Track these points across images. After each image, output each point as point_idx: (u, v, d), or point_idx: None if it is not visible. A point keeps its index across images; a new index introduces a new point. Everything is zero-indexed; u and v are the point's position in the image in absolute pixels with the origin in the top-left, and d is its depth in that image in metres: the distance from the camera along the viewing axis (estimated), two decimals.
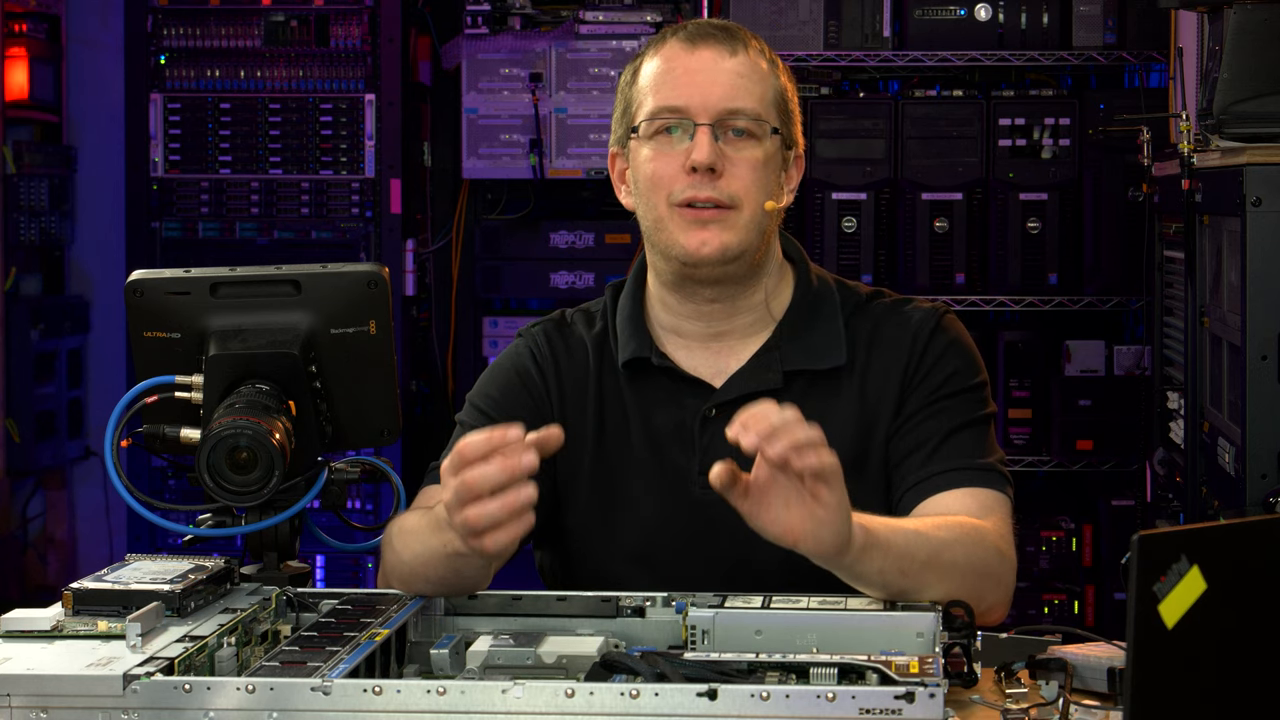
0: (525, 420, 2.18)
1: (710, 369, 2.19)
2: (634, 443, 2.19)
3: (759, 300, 2.19)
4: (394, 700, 1.60)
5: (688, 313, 2.18)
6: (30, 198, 5.33)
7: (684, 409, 2.17)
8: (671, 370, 2.18)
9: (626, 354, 2.19)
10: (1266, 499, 2.98)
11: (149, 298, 2.05)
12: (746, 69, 2.14)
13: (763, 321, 2.20)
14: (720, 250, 2.10)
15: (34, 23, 5.44)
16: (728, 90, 2.12)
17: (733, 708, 1.57)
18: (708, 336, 2.19)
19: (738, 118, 2.12)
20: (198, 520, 2.05)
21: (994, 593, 2.01)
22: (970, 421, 2.15)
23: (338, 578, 4.95)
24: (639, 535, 2.18)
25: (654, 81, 2.15)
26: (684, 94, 2.12)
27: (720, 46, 2.14)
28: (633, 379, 2.20)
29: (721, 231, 2.10)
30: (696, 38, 2.15)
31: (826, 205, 4.71)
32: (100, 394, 5.67)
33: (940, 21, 4.74)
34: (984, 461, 2.13)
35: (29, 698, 1.64)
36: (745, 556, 2.12)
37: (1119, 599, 4.63)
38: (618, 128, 2.21)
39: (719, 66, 2.13)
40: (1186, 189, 3.53)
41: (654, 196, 2.13)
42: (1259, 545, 1.44)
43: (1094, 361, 4.73)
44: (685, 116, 2.12)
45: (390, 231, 5.05)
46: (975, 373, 2.20)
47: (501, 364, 2.26)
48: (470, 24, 5.09)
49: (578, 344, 2.24)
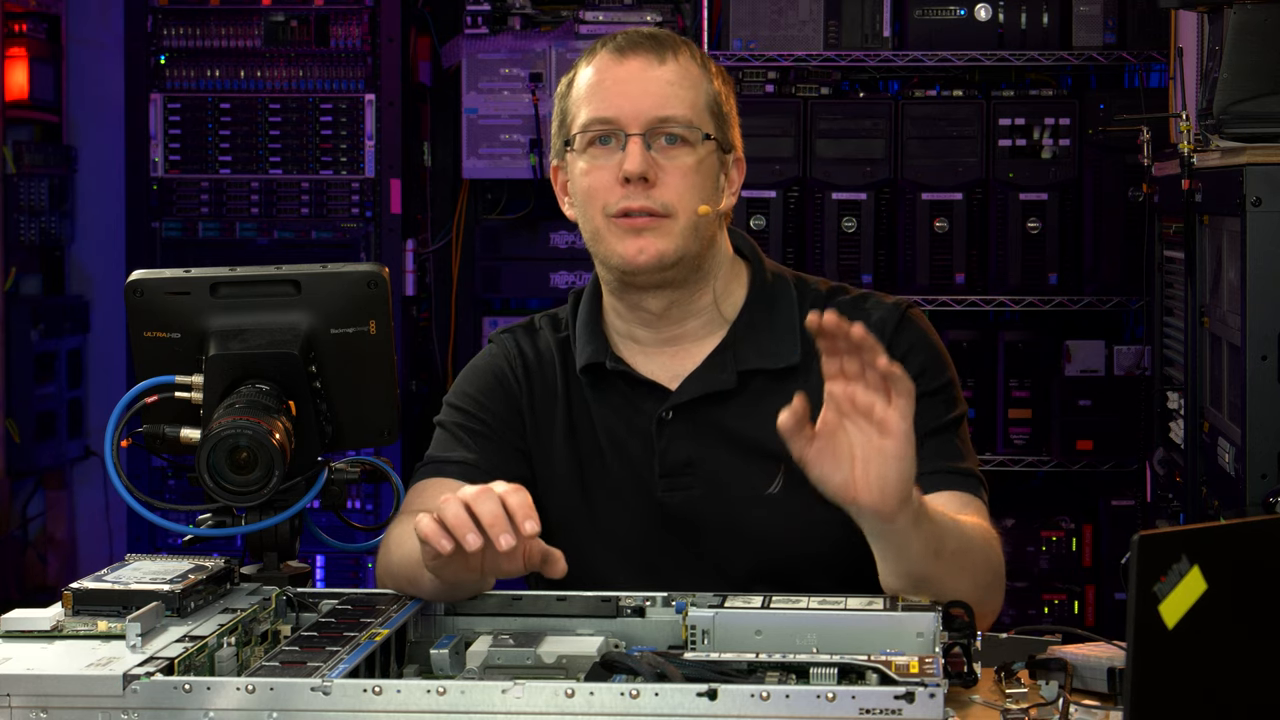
0: (503, 418, 2.19)
1: (666, 372, 2.20)
2: (600, 445, 2.21)
3: (707, 302, 2.19)
4: (394, 700, 1.60)
5: (638, 320, 2.20)
6: (30, 198, 5.33)
7: (640, 412, 2.19)
8: (626, 374, 2.20)
9: (583, 359, 2.21)
10: (1266, 499, 2.98)
11: (149, 298, 2.05)
12: (676, 76, 2.15)
13: (715, 322, 2.20)
14: (657, 257, 2.11)
15: (34, 23, 5.44)
16: (658, 99, 2.13)
17: (733, 708, 1.57)
18: (660, 341, 2.21)
19: (669, 125, 2.13)
20: (198, 520, 2.05)
21: (995, 598, 2.02)
22: (942, 426, 2.12)
23: (338, 578, 4.95)
24: (614, 535, 2.19)
25: (586, 93, 2.16)
26: (614, 104, 2.13)
27: (649, 55, 2.15)
28: (592, 384, 2.22)
29: (657, 239, 2.11)
30: (626, 48, 2.16)
31: (826, 205, 4.71)
32: (100, 394, 5.67)
33: (940, 21, 4.74)
34: (961, 466, 2.12)
35: (29, 698, 1.64)
36: (714, 553, 2.14)
37: (1119, 599, 4.63)
38: (556, 140, 2.22)
39: (648, 75, 2.14)
40: (1186, 189, 3.53)
41: (590, 208, 2.15)
42: (1259, 545, 1.44)
43: (1094, 361, 4.73)
44: (617, 127, 2.13)
45: (390, 231, 5.05)
46: (942, 370, 2.17)
47: (477, 366, 2.28)
48: (470, 24, 5.09)
49: (545, 349, 2.26)
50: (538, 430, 2.23)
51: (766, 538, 2.14)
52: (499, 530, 1.76)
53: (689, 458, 2.17)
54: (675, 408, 2.17)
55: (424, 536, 1.79)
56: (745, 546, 2.15)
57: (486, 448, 2.20)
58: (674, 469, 2.17)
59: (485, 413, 2.22)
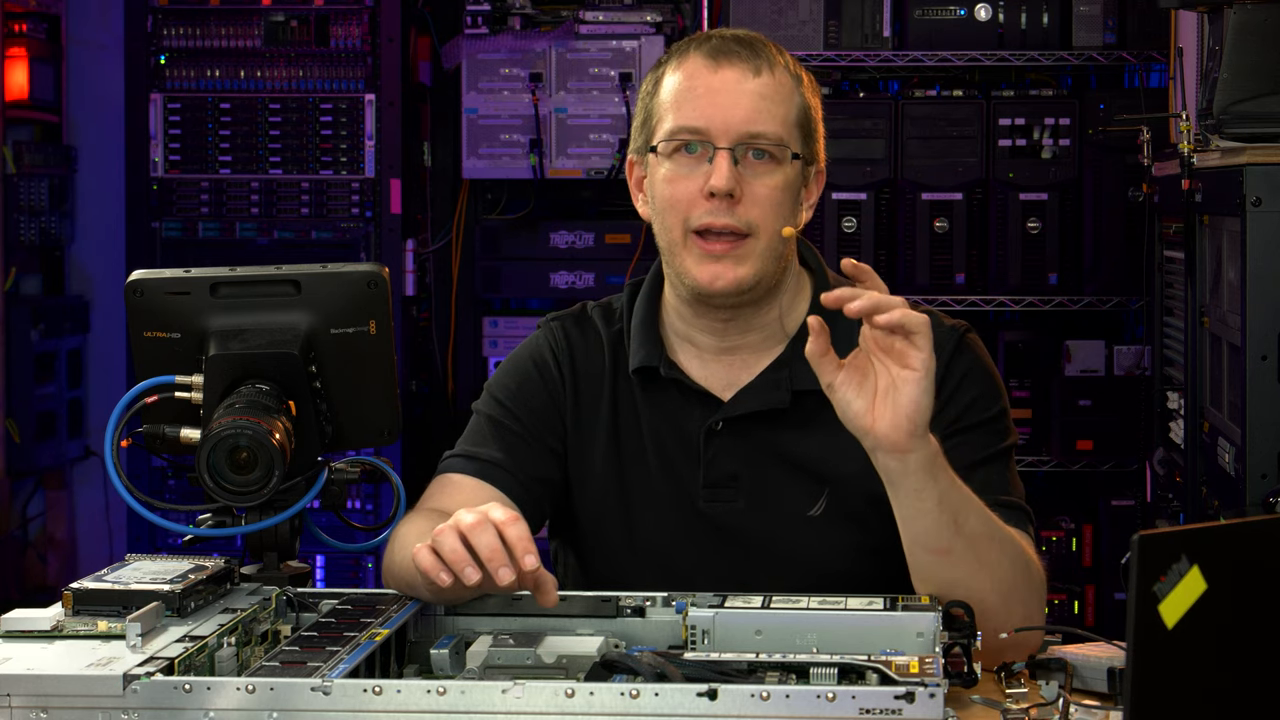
0: (539, 414, 2.18)
1: (721, 381, 2.17)
2: (644, 447, 2.18)
3: (773, 317, 2.17)
4: (394, 700, 1.60)
5: (701, 326, 2.17)
6: (30, 198, 5.33)
7: (690, 420, 2.16)
8: (680, 382, 2.17)
9: (636, 361, 2.18)
10: (1266, 499, 2.98)
11: (149, 298, 2.05)
12: (770, 90, 2.10)
13: (776, 336, 2.18)
14: (734, 284, 2.08)
15: (34, 23, 5.44)
16: (749, 113, 2.08)
17: (733, 708, 1.57)
18: (720, 350, 2.18)
19: (759, 141, 2.08)
20: (198, 520, 2.05)
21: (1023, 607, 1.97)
22: (991, 456, 2.09)
23: (338, 578, 4.95)
24: (648, 540, 2.17)
25: (675, 98, 2.11)
26: (705, 115, 2.08)
27: (744, 65, 2.10)
28: (643, 385, 2.19)
29: (735, 266, 2.08)
30: (720, 54, 2.11)
31: (826, 205, 4.71)
32: (100, 394, 5.66)
33: (940, 21, 4.74)
34: (1007, 499, 2.08)
35: (29, 698, 1.64)
36: (750, 569, 2.12)
37: (1119, 599, 4.63)
38: (637, 136, 2.18)
39: (742, 88, 2.09)
40: (1186, 189, 3.52)
41: (670, 218, 2.11)
42: (1259, 545, 1.44)
43: (1094, 361, 4.73)
44: (705, 138, 2.08)
45: (390, 231, 5.05)
46: (996, 400, 2.15)
47: (520, 355, 2.25)
48: (470, 24, 5.09)
49: (595, 341, 2.23)
50: (579, 426, 2.20)
51: (805, 559, 2.13)
52: (498, 564, 1.76)
53: (735, 471, 2.15)
54: (726, 420, 2.15)
55: (422, 569, 1.79)
56: (782, 566, 2.13)
57: (516, 447, 2.17)
58: (719, 481, 2.15)
59: (521, 408, 2.20)
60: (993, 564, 1.93)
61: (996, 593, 1.91)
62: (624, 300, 2.25)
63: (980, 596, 1.87)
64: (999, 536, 1.96)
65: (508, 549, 1.77)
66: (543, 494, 2.18)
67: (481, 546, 1.77)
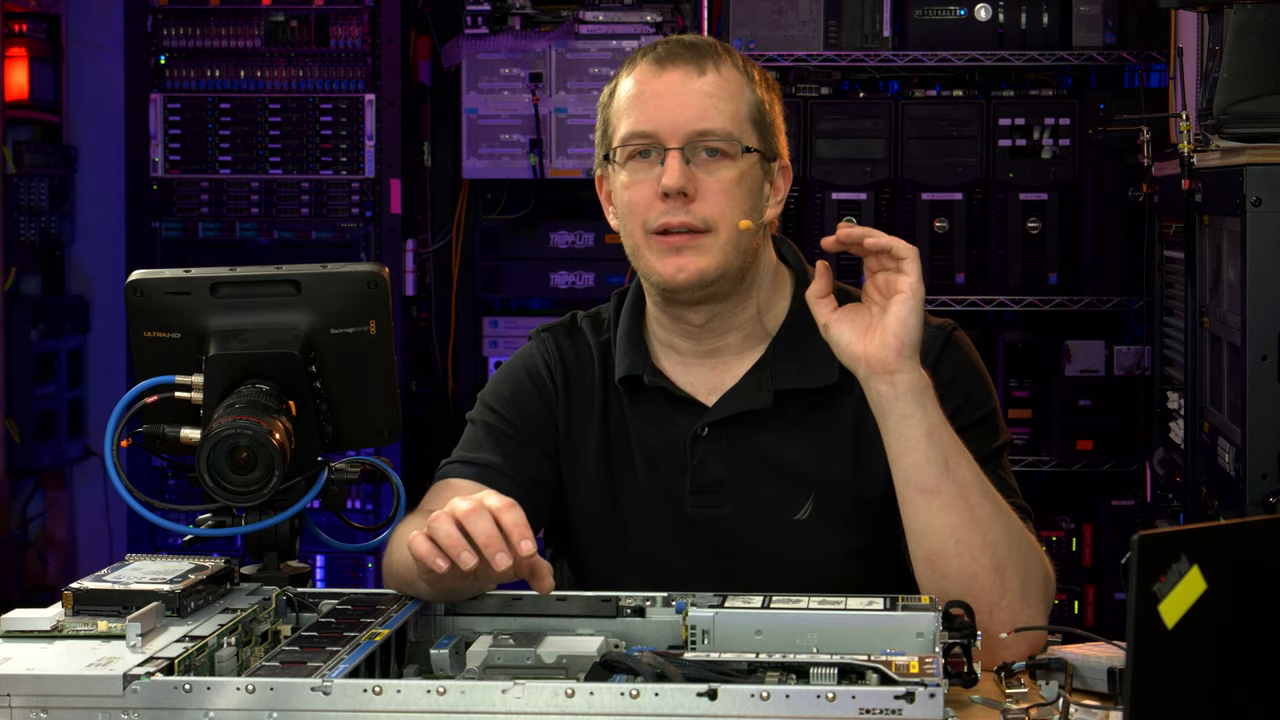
0: (533, 421, 2.19)
1: (705, 386, 2.18)
2: (633, 456, 2.19)
3: (750, 315, 2.17)
4: (394, 700, 1.60)
5: (679, 330, 2.18)
6: (30, 198, 5.33)
7: (676, 427, 2.17)
8: (665, 389, 2.18)
9: (622, 370, 2.20)
10: (1266, 499, 2.98)
11: (149, 298, 2.05)
12: (715, 88, 2.11)
13: (757, 335, 2.18)
14: (696, 275, 2.09)
15: (34, 23, 5.44)
16: (696, 112, 2.10)
17: (733, 708, 1.57)
18: (701, 353, 2.19)
19: (708, 139, 2.10)
20: (198, 520, 2.05)
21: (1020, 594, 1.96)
22: (985, 457, 2.07)
23: (338, 578, 4.95)
24: (640, 548, 2.18)
25: (626, 105, 2.13)
26: (652, 118, 2.10)
27: (689, 66, 2.11)
28: (630, 393, 2.20)
29: (696, 257, 2.09)
30: (665, 59, 2.12)
31: (826, 205, 4.71)
32: (100, 394, 5.67)
33: (940, 21, 4.74)
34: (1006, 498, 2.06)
35: (29, 698, 1.64)
36: (739, 575, 2.12)
37: (1119, 599, 4.63)
38: (599, 149, 2.20)
39: (687, 88, 2.10)
40: (1186, 189, 3.52)
41: (630, 223, 2.13)
42: (1259, 545, 1.44)
43: (1094, 361, 4.73)
44: (655, 141, 2.10)
45: (390, 231, 5.05)
46: (985, 400, 2.15)
47: (513, 365, 2.27)
48: (470, 24, 5.09)
49: (585, 351, 2.24)
50: (571, 434, 2.21)
51: (792, 564, 2.13)
52: (494, 550, 1.76)
53: (721, 476, 2.15)
54: (710, 425, 2.15)
55: (418, 556, 1.79)
56: (770, 570, 2.13)
57: (513, 451, 2.19)
58: (705, 486, 2.15)
59: (515, 415, 2.21)
60: (985, 522, 1.93)
61: (990, 555, 1.90)
62: (611, 308, 2.26)
63: (973, 555, 1.88)
64: (993, 496, 1.96)
65: (504, 535, 1.77)
66: (540, 496, 2.18)
67: (478, 532, 1.77)
